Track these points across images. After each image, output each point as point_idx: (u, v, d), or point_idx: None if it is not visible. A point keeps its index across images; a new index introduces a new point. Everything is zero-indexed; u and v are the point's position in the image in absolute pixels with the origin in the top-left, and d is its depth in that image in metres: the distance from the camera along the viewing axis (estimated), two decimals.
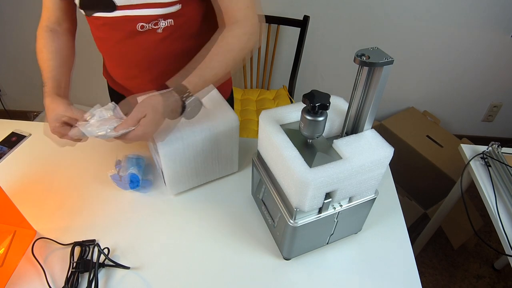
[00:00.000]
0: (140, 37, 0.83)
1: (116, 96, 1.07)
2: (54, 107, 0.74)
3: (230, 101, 1.17)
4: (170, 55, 0.88)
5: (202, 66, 0.75)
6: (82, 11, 0.83)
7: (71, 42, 0.91)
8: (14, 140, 1.01)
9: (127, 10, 0.78)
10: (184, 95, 0.71)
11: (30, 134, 1.04)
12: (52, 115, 0.73)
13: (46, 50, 0.83)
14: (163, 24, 0.81)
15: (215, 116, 0.82)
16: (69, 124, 0.74)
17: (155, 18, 0.79)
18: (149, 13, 0.78)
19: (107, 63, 0.99)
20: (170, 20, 0.81)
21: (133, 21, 0.80)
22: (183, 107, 0.71)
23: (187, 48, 0.89)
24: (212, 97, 0.87)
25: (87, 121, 0.71)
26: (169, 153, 0.77)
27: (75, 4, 0.82)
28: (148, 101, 0.68)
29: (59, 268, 0.72)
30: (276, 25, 1.72)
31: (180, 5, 0.79)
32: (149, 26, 0.81)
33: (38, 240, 0.76)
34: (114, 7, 0.77)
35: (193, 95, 0.72)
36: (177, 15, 0.81)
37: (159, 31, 0.82)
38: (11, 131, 1.04)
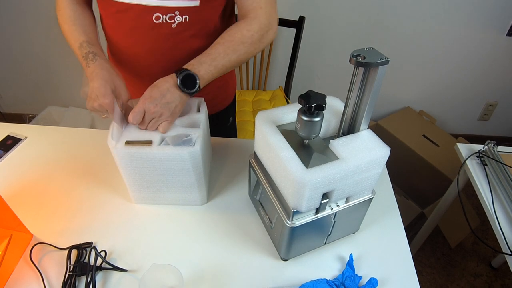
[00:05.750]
0: (152, 29, 0.81)
1: None
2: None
3: (233, 104, 1.18)
4: (178, 53, 0.87)
5: (216, 57, 0.77)
6: None
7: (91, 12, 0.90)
8: (9, 143, 1.01)
9: None
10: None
11: (26, 137, 1.03)
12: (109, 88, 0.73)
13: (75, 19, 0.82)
14: (178, 19, 0.80)
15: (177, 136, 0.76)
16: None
17: (172, 11, 0.78)
18: (167, 4, 0.77)
19: (112, 57, 0.97)
20: (186, 16, 0.80)
21: (149, 11, 0.78)
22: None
23: (196, 49, 0.88)
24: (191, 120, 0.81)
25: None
26: (125, 157, 0.73)
27: None
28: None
29: (56, 271, 0.72)
30: None
31: (199, 1, 0.78)
32: (164, 19, 0.79)
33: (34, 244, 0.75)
34: None
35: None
36: (194, 11, 0.80)
37: (173, 26, 0.81)
38: (6, 134, 1.03)
